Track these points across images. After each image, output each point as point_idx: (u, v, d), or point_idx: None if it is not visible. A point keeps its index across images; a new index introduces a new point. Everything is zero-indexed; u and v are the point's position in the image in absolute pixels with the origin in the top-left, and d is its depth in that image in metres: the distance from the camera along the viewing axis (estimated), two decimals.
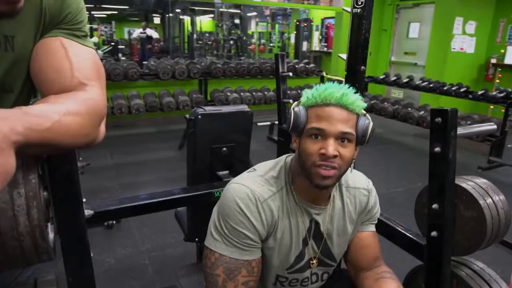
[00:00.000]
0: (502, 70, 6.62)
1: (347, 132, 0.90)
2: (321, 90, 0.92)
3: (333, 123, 0.89)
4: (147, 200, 1.27)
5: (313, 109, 0.92)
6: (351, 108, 0.91)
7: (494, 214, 1.25)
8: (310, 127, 0.91)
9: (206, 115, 1.41)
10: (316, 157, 0.90)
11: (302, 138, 0.94)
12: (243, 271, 0.93)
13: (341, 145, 0.90)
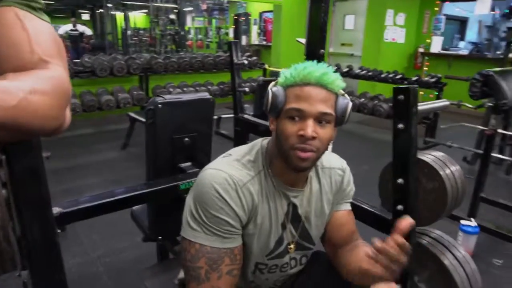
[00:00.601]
0: (429, 58, 7.12)
1: (326, 113, 0.88)
2: (300, 69, 0.90)
3: (312, 104, 0.87)
4: (111, 198, 1.18)
5: (291, 89, 0.90)
6: (331, 88, 0.89)
7: (453, 184, 1.33)
8: (289, 108, 0.89)
9: (166, 104, 1.34)
10: (294, 138, 0.88)
11: (280, 120, 0.91)
12: (226, 260, 0.89)
13: (320, 126, 0.89)
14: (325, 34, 1.60)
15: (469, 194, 2.65)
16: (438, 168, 1.32)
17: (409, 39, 7.29)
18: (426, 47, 7.18)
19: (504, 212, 2.85)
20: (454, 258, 1.34)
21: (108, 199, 1.20)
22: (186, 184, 1.33)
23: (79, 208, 1.14)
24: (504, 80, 2.20)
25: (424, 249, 1.37)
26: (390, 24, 6.91)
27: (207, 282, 0.87)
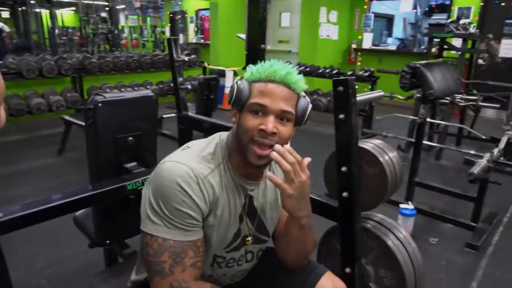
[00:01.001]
0: (362, 54, 7.50)
1: (287, 111, 0.90)
2: (266, 66, 0.92)
3: (275, 100, 0.89)
4: (49, 204, 1.10)
5: (256, 84, 0.92)
6: (293, 87, 0.92)
7: (392, 169, 1.42)
8: (252, 102, 0.90)
9: (107, 103, 1.28)
10: (255, 132, 0.89)
11: (242, 113, 0.92)
12: (189, 253, 0.88)
13: (280, 123, 0.91)
14: (264, 30, 1.63)
15: (405, 180, 2.84)
16: (378, 154, 1.40)
17: (342, 35, 7.62)
18: (358, 43, 7.55)
19: (437, 194, 3.10)
20: (397, 239, 1.43)
21: (46, 206, 1.12)
22: (133, 184, 1.28)
23: (13, 218, 1.05)
24: (430, 71, 2.38)
25: (369, 232, 1.45)
26: (324, 21, 7.17)
27: (172, 276, 0.85)
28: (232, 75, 6.31)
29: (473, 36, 4.04)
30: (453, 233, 2.63)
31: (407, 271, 1.39)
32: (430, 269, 2.22)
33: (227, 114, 6.10)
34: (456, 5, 6.23)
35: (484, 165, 2.04)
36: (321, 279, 1.08)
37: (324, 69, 5.30)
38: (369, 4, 7.42)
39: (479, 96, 3.85)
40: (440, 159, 4.22)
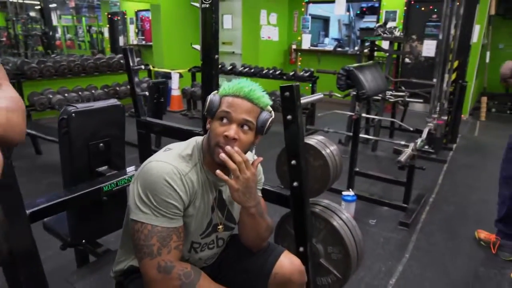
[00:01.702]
0: (302, 54, 7.90)
1: (248, 120, 1.09)
2: (234, 84, 1.10)
3: (238, 111, 1.08)
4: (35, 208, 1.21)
5: (225, 98, 1.10)
6: (256, 102, 1.10)
7: (333, 160, 1.67)
8: (220, 110, 1.09)
9: (79, 113, 1.39)
10: (220, 138, 1.07)
11: (212, 121, 1.11)
12: (174, 237, 1.04)
13: (242, 131, 1.09)
14: (217, 41, 1.81)
15: (346, 170, 3.17)
16: (320, 148, 1.64)
17: (282, 37, 7.96)
18: (298, 43, 7.93)
19: (374, 181, 3.47)
20: (340, 219, 1.68)
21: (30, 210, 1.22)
22: (109, 185, 1.41)
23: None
24: (361, 73, 2.70)
25: (317, 215, 1.69)
26: (265, 23, 7.46)
27: (159, 257, 1.01)
28: (178, 77, 6.37)
29: (398, 39, 4.51)
30: (389, 215, 2.99)
31: (350, 245, 1.64)
32: (370, 246, 2.54)
33: (175, 115, 6.18)
34: (384, 9, 6.80)
35: (409, 154, 2.39)
36: (280, 258, 1.29)
37: (268, 70, 5.57)
38: (306, 6, 7.83)
39: (406, 92, 4.33)
40: (376, 150, 4.65)
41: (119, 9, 10.63)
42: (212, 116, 1.11)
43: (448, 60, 3.51)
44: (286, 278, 1.25)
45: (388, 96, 4.23)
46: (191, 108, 6.09)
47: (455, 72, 4.24)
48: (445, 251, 2.53)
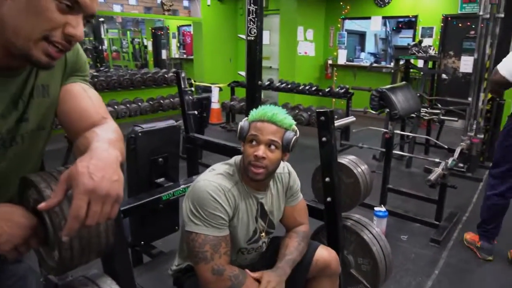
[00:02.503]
0: (338, 69, 8.03)
1: (274, 140, 1.28)
2: (259, 110, 1.31)
3: (264, 134, 1.28)
4: None
5: (253, 123, 1.31)
6: (280, 124, 1.30)
7: (364, 178, 1.83)
8: (249, 135, 1.30)
9: (144, 132, 1.65)
10: (251, 157, 1.28)
11: (244, 144, 1.32)
12: (223, 244, 1.25)
13: (269, 150, 1.29)
14: (261, 69, 2.02)
15: (379, 186, 3.29)
16: (352, 167, 1.81)
17: (318, 52, 8.13)
18: (333, 59, 8.08)
19: (406, 198, 3.56)
20: (370, 233, 1.83)
21: None
22: (167, 195, 1.64)
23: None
24: (394, 94, 2.84)
25: (349, 229, 1.85)
26: (301, 39, 7.67)
27: (212, 261, 1.23)
28: (217, 91, 6.68)
29: (432, 58, 4.58)
30: (420, 231, 3.07)
31: (379, 258, 1.79)
32: (401, 261, 2.64)
33: (215, 128, 6.47)
34: (420, 25, 6.84)
35: (439, 173, 2.49)
36: (318, 248, 1.50)
37: (304, 86, 5.75)
38: (342, 22, 7.97)
39: (442, 110, 4.38)
40: (410, 167, 4.69)
41: (163, 24, 11.21)
42: (244, 139, 1.32)
43: (484, 78, 3.56)
44: (326, 263, 1.46)
45: (422, 113, 4.29)
46: (230, 121, 6.36)
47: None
48: (476, 269, 2.59)
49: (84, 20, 0.78)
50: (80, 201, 0.68)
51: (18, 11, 0.71)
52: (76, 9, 0.74)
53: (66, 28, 0.74)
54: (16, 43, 0.73)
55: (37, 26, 0.72)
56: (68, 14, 0.74)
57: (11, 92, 0.84)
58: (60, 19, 0.73)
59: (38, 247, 0.83)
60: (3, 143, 0.86)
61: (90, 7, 0.77)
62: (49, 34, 0.73)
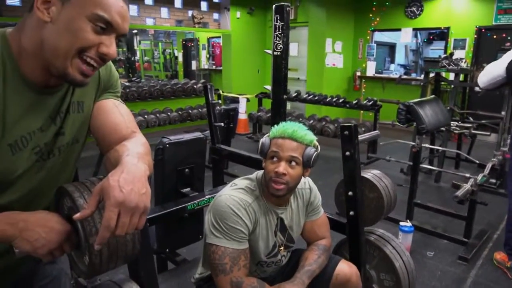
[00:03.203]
0: (366, 80, 7.97)
1: (294, 157, 1.31)
2: (280, 127, 1.34)
3: (285, 150, 1.30)
4: None
5: (274, 140, 1.34)
6: (300, 141, 1.32)
7: (387, 193, 1.83)
8: (270, 151, 1.33)
9: (172, 144, 1.72)
10: (272, 173, 1.30)
11: (265, 160, 1.35)
12: (242, 257, 1.29)
13: (290, 166, 1.31)
14: (286, 84, 2.06)
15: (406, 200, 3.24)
16: (376, 182, 1.81)
17: (347, 64, 8.11)
18: (362, 70, 8.03)
19: (434, 214, 3.47)
20: (393, 248, 1.83)
21: None
22: (192, 205, 1.70)
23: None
24: (421, 108, 2.81)
25: (371, 243, 1.84)
26: (330, 51, 7.68)
27: (231, 273, 1.26)
28: (245, 102, 6.77)
29: (464, 71, 4.48)
30: (448, 248, 2.99)
31: (402, 274, 1.78)
32: (426, 277, 2.59)
33: (241, 138, 6.55)
34: (452, 37, 6.71)
35: (468, 189, 2.44)
36: (339, 263, 1.51)
37: (331, 98, 5.75)
38: (371, 34, 7.93)
39: (473, 123, 4.27)
40: (439, 182, 4.58)
41: (193, 36, 11.49)
42: (265, 156, 1.35)
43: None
44: (347, 277, 1.47)
45: (453, 127, 4.20)
46: (257, 132, 6.42)
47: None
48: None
49: (117, 39, 0.85)
50: (111, 213, 0.73)
51: (58, 33, 0.79)
52: (109, 30, 0.82)
53: (100, 47, 0.82)
54: (55, 63, 0.81)
55: (73, 44, 0.79)
56: (102, 35, 0.81)
57: (49, 108, 0.91)
58: (95, 39, 0.81)
59: (70, 251, 0.90)
60: (42, 155, 0.93)
61: (122, 28, 0.84)
62: (84, 50, 0.81)
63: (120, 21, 0.83)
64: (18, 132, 0.85)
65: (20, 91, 0.84)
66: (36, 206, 0.96)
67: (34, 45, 0.81)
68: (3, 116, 0.81)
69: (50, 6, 0.78)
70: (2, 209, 0.88)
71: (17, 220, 0.82)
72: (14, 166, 0.87)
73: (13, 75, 0.82)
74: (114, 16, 0.81)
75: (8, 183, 0.89)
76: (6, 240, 0.81)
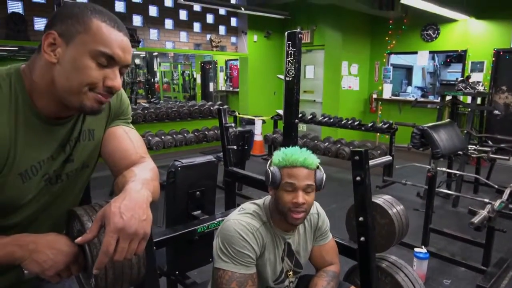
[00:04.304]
0: (382, 103, 7.95)
1: (310, 185, 1.32)
2: (289, 155, 1.33)
3: (300, 180, 1.31)
4: None
5: (284, 169, 1.33)
6: (311, 167, 1.34)
7: (399, 219, 1.80)
8: (285, 182, 1.32)
9: (184, 167, 1.75)
10: (290, 204, 1.31)
11: (278, 190, 1.34)
12: (249, 282, 1.29)
13: (306, 194, 1.32)
14: (298, 108, 2.09)
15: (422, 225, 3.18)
16: (387, 208, 1.80)
17: (363, 86, 8.12)
18: (378, 93, 8.02)
19: (451, 240, 3.39)
20: (406, 276, 1.79)
21: None
22: (202, 228, 1.72)
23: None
24: (436, 133, 2.79)
25: (383, 270, 1.81)
26: (346, 74, 7.72)
27: None
28: (261, 124, 6.83)
29: (480, 94, 4.43)
30: (465, 276, 2.90)
31: None
32: None
33: (257, 159, 6.58)
34: (470, 60, 6.66)
35: (484, 216, 2.38)
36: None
37: (347, 121, 5.75)
38: (387, 57, 7.95)
39: (492, 147, 4.19)
40: (457, 206, 4.47)
41: (212, 59, 11.73)
42: (277, 187, 1.33)
43: None
44: None
45: (471, 151, 4.13)
46: (272, 154, 6.43)
47: None
48: None
49: (121, 70, 0.90)
50: (110, 239, 0.76)
51: (66, 72, 0.84)
52: (112, 63, 0.87)
53: (105, 81, 0.87)
54: (71, 100, 0.87)
55: (82, 82, 0.85)
56: (106, 68, 0.87)
57: (60, 137, 0.96)
58: (99, 75, 0.86)
59: (78, 273, 0.93)
60: (50, 181, 0.97)
61: (124, 60, 0.89)
62: (93, 87, 0.86)
63: (122, 53, 0.87)
64: (29, 161, 0.90)
65: (31, 123, 0.89)
66: (40, 225, 0.99)
67: (46, 83, 0.87)
68: (14, 147, 0.86)
69: (56, 48, 0.84)
70: (7, 229, 0.92)
71: (27, 242, 0.86)
72: (24, 194, 0.92)
73: (24, 108, 0.87)
74: (115, 50, 0.86)
75: (16, 208, 0.93)
76: (16, 262, 0.84)
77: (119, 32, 0.87)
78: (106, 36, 0.85)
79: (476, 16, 6.57)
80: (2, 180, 0.86)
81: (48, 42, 0.84)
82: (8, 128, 0.84)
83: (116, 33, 0.86)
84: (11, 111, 0.85)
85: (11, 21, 5.22)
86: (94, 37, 0.84)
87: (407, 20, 7.32)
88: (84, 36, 0.83)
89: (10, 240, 0.85)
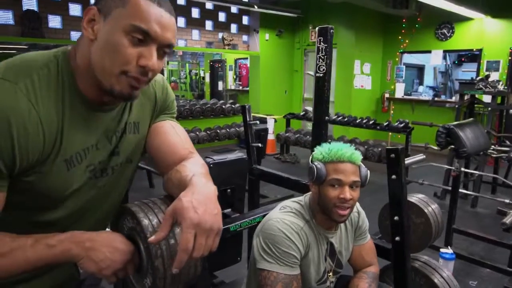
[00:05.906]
0: (395, 102, 7.88)
1: (357, 181, 1.29)
2: (335, 150, 1.29)
3: (347, 175, 1.27)
4: None
5: (330, 164, 1.29)
6: (357, 163, 1.30)
7: (435, 218, 1.76)
8: (331, 178, 1.27)
9: (216, 164, 1.72)
10: (336, 200, 1.26)
11: (323, 186, 1.29)
12: (294, 283, 1.25)
13: (352, 190, 1.29)
14: (328, 106, 2.05)
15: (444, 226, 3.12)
16: (423, 207, 1.76)
17: (375, 85, 8.06)
18: (391, 92, 7.95)
19: (474, 240, 3.33)
20: (441, 277, 1.75)
21: None
22: (234, 226, 1.68)
23: None
24: (462, 131, 2.73)
25: (417, 271, 1.77)
26: (358, 73, 7.66)
27: None
28: (273, 123, 6.79)
29: (501, 93, 4.37)
30: (491, 278, 2.85)
31: None
32: None
33: (269, 158, 6.54)
34: (485, 59, 6.58)
35: None
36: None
37: (361, 120, 5.70)
38: (400, 56, 7.88)
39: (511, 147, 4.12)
40: (475, 207, 4.42)
41: (221, 57, 11.71)
42: (322, 183, 1.29)
43: None
44: None
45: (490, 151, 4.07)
46: (284, 152, 6.40)
47: None
48: None
49: (161, 51, 0.82)
50: (188, 235, 0.73)
51: (100, 49, 0.79)
52: (148, 41, 0.79)
53: (139, 60, 0.79)
54: (102, 80, 0.81)
55: (115, 61, 0.78)
56: (141, 46, 0.79)
57: (104, 125, 0.91)
58: (134, 52, 0.78)
59: (133, 273, 0.89)
60: (95, 174, 0.93)
61: (162, 37, 0.80)
62: (126, 69, 0.79)
63: (159, 30, 0.79)
64: (74, 148, 0.85)
65: (77, 107, 0.84)
66: (84, 223, 0.96)
67: (85, 63, 0.82)
68: (61, 132, 0.82)
69: (94, 24, 0.79)
70: (50, 225, 0.88)
71: (83, 239, 0.81)
72: (68, 183, 0.87)
73: (70, 91, 0.83)
74: (151, 25, 0.78)
75: (61, 200, 0.89)
76: (70, 260, 0.80)
77: (159, 8, 0.79)
78: (143, 9, 0.77)
79: (492, 14, 6.49)
80: (47, 167, 0.82)
81: (88, 18, 0.79)
82: (55, 111, 0.80)
83: (156, 8, 0.78)
84: (58, 94, 0.81)
85: (26, 19, 5.23)
86: (130, 10, 0.76)
87: (421, 18, 7.25)
88: (121, 10, 0.77)
89: (65, 236, 0.81)
